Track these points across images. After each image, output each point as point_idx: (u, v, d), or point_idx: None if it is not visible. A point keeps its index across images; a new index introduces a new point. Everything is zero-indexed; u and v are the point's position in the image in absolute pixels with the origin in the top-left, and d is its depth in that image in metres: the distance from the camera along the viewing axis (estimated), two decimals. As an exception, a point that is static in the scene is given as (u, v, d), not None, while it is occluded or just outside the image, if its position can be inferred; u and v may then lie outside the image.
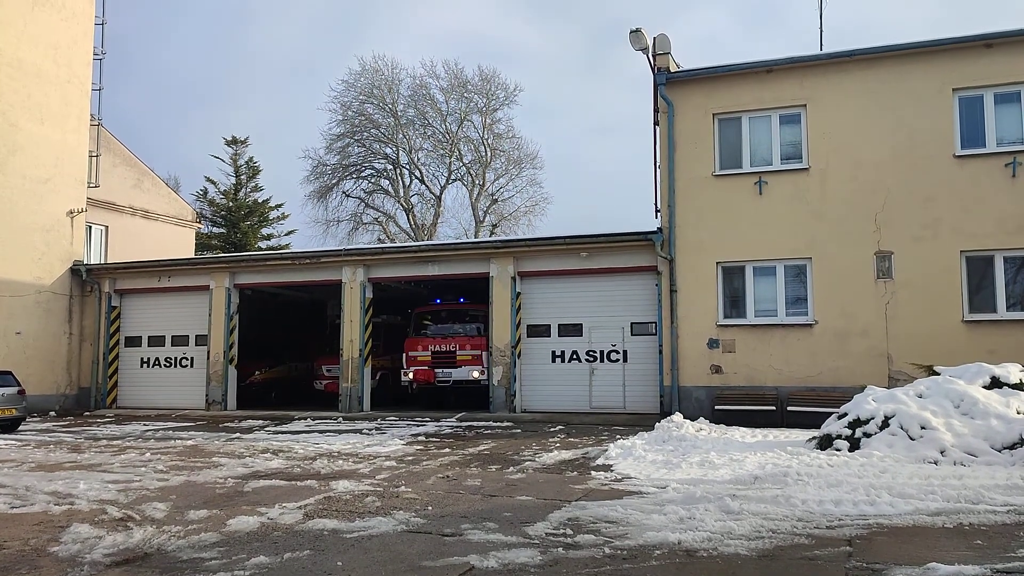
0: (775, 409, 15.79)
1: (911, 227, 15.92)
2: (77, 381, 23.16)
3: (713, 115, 17.48)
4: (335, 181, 44.56)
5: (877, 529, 6.74)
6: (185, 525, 7.26)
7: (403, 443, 13.65)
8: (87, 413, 21.94)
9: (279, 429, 16.75)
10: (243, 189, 45.45)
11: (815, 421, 12.97)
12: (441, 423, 17.32)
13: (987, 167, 15.67)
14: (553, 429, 15.72)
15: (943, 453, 9.86)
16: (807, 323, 16.45)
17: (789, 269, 16.87)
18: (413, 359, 21.01)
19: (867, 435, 10.62)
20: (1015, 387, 11.08)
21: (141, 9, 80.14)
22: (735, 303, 17.19)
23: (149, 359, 23.04)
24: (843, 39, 58.72)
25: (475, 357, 20.29)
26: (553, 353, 18.94)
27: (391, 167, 44.69)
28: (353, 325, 20.50)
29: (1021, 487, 8.15)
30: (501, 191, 45.19)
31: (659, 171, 18.27)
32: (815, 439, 11.48)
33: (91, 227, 25.46)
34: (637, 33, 17.06)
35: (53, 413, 21.70)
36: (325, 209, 44.48)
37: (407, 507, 7.94)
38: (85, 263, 23.65)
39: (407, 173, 44.62)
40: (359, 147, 44.69)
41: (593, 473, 10.03)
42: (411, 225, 44.11)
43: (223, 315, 21.71)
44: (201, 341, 22.14)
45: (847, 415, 11.20)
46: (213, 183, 45.05)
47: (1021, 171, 15.42)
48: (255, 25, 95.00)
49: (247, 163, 45.71)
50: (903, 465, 9.47)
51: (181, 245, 29.74)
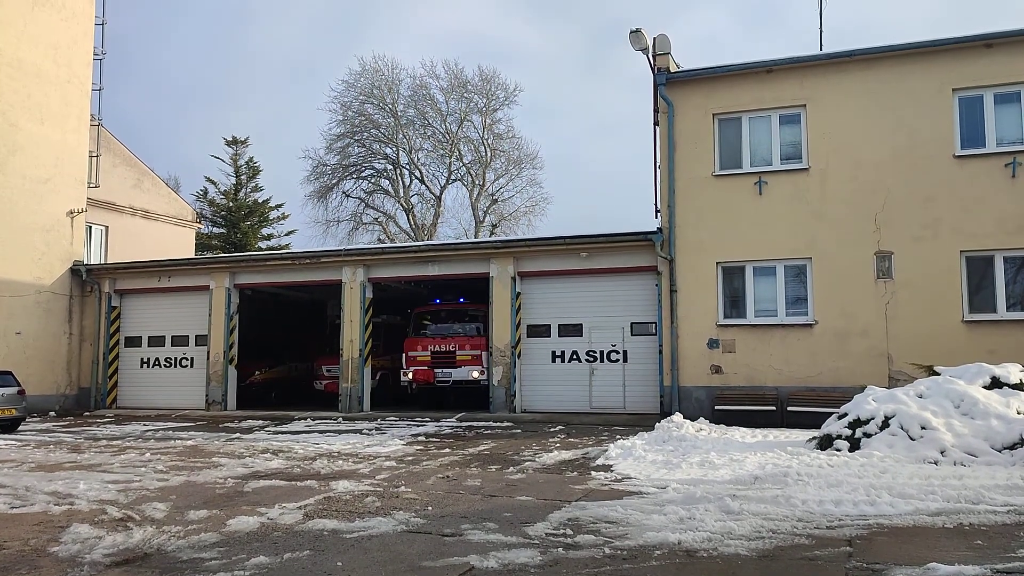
0: (775, 409, 15.80)
1: (911, 227, 15.93)
2: (77, 381, 23.17)
3: (713, 115, 17.49)
4: (335, 181, 44.60)
5: (877, 529, 6.74)
6: (185, 525, 7.26)
7: (403, 443, 13.65)
8: (87, 413, 21.94)
9: (279, 429, 16.75)
10: (243, 189, 45.46)
11: (815, 421, 12.97)
12: (441, 423, 17.32)
13: (987, 167, 15.68)
14: (553, 429, 15.73)
15: (943, 453, 9.86)
16: (807, 323, 16.46)
17: (789, 269, 16.87)
18: (413, 359, 21.01)
19: (867, 435, 10.62)
20: (1015, 387, 11.08)
21: (141, 9, 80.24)
22: (735, 303, 17.19)
23: (149, 359, 23.05)
24: (843, 39, 58.77)
25: (475, 357, 20.28)
26: (553, 353, 18.95)
27: (391, 167, 44.73)
28: (353, 325, 20.50)
29: (1021, 487, 8.15)
30: (501, 191, 45.26)
31: (659, 171, 18.28)
32: (815, 439, 11.48)
33: (91, 227, 25.46)
34: (637, 33, 17.07)
35: (53, 413, 21.71)
36: (325, 209, 44.56)
37: (407, 507, 7.94)
38: (85, 263, 23.66)
39: (407, 173, 44.67)
40: (359, 147, 44.72)
41: (593, 473, 10.03)
42: (411, 225, 44.11)
43: (223, 315, 21.71)
44: (201, 341, 22.15)
45: (847, 415, 11.20)
46: (213, 183, 45.13)
47: (1021, 171, 15.43)
48: (255, 25, 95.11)
49: (247, 163, 45.72)
50: (903, 465, 9.47)
51: (181, 245, 29.76)
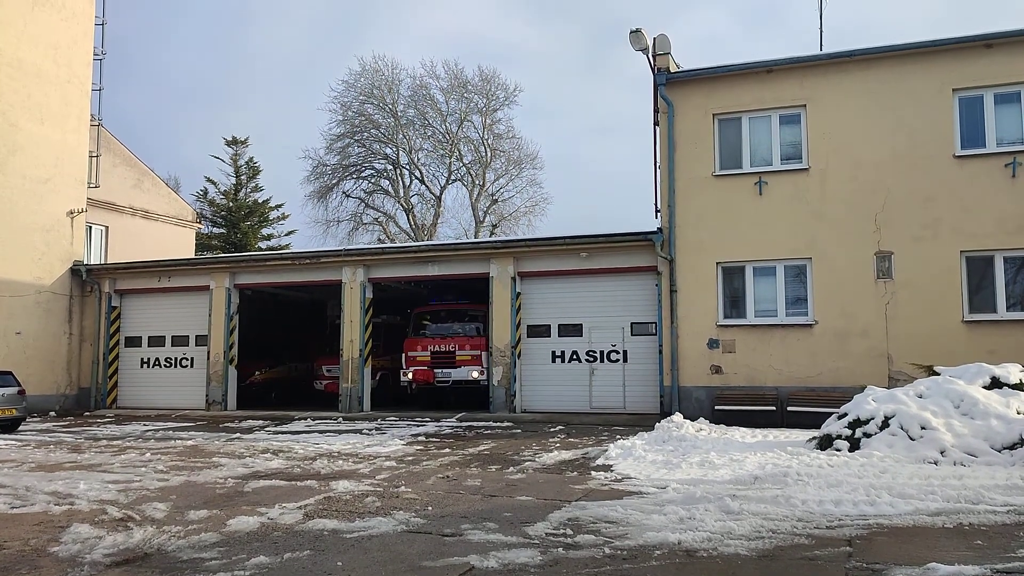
0: (775, 409, 15.80)
1: (911, 227, 15.93)
2: (77, 381, 23.17)
3: (713, 115, 17.49)
4: (335, 181, 44.60)
5: (877, 529, 6.74)
6: (185, 525, 7.26)
7: (403, 443, 13.65)
8: (87, 413, 21.94)
9: (279, 429, 16.75)
10: (243, 189, 45.46)
11: (815, 421, 12.97)
12: (441, 423, 17.32)
13: (987, 167, 15.68)
14: (553, 429, 15.73)
15: (943, 453, 9.86)
16: (807, 323, 16.45)
17: (789, 269, 16.87)
18: (412, 359, 21.00)
19: (867, 435, 10.62)
20: (1015, 387, 11.08)
21: (141, 9, 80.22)
22: (735, 303, 17.19)
23: (149, 359, 23.05)
24: (843, 39, 58.79)
25: (474, 357, 20.28)
26: (553, 353, 18.95)
27: (391, 167, 44.73)
28: (353, 325, 20.50)
29: (1021, 487, 8.15)
30: (501, 191, 45.26)
31: (659, 171, 18.28)
32: (815, 439, 11.48)
33: (91, 227, 25.46)
34: (637, 33, 17.07)
35: (53, 413, 21.71)
36: (325, 209, 44.56)
37: (407, 507, 7.94)
38: (85, 263, 23.66)
39: (407, 173, 44.68)
40: (359, 147, 44.72)
41: (593, 473, 10.03)
42: (411, 225, 44.11)
43: (223, 315, 21.71)
44: (201, 341, 22.15)
45: (847, 415, 11.20)
46: (213, 183, 45.14)
47: (1021, 171, 15.43)
48: (255, 26, 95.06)
49: (247, 163, 45.73)
50: (903, 465, 9.47)
51: (181, 245, 29.76)
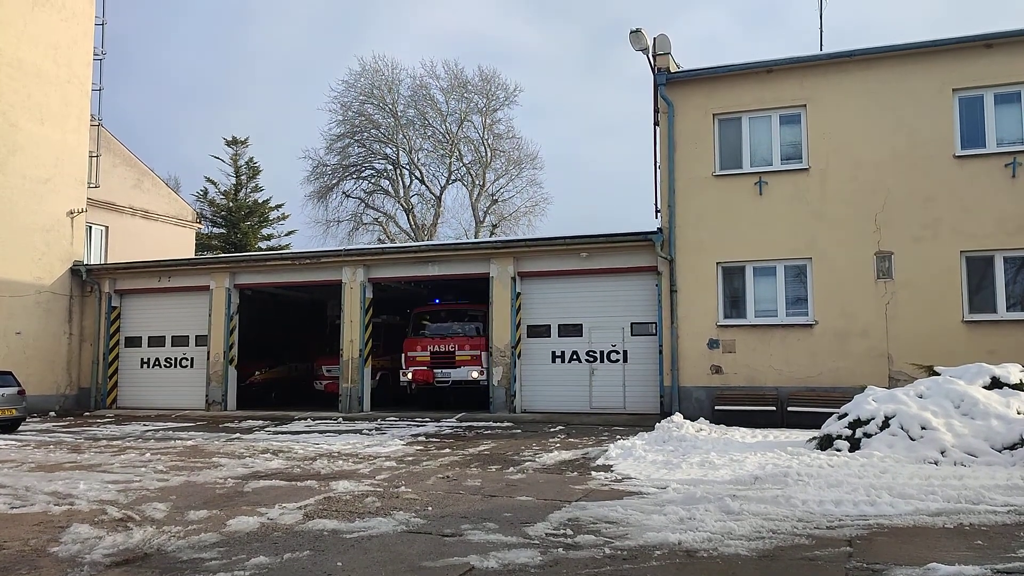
0: (775, 409, 15.80)
1: (911, 227, 15.92)
2: (77, 381, 23.17)
3: (713, 115, 17.48)
4: (335, 181, 44.59)
5: (877, 529, 6.74)
6: (185, 525, 7.26)
7: (403, 443, 13.65)
8: (87, 413, 21.94)
9: (279, 429, 16.75)
10: (243, 189, 45.45)
11: (815, 421, 12.97)
12: (441, 423, 17.32)
13: (987, 167, 15.68)
14: (553, 429, 15.72)
15: (943, 453, 9.86)
16: (807, 323, 16.45)
17: (789, 269, 16.87)
18: (412, 359, 20.99)
19: (867, 435, 10.61)
20: (1015, 387, 11.07)
21: (141, 9, 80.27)
22: (735, 303, 17.19)
23: (149, 359, 23.05)
24: (843, 39, 58.80)
25: (474, 357, 20.27)
26: (553, 353, 18.94)
27: (391, 167, 44.73)
28: (353, 325, 20.50)
29: (1021, 487, 8.15)
30: (501, 191, 45.25)
31: (659, 171, 18.28)
32: (815, 439, 11.48)
33: (91, 227, 25.46)
34: (637, 33, 17.07)
35: (53, 413, 21.70)
36: (325, 209, 44.56)
37: (407, 507, 7.93)
38: (85, 263, 23.65)
39: (407, 173, 44.68)
40: (359, 147, 44.71)
41: (593, 473, 10.03)
42: (411, 225, 44.11)
43: (223, 315, 21.71)
44: (201, 341, 22.15)
45: (847, 415, 11.20)
46: (213, 183, 45.13)
47: (1021, 171, 15.42)
48: (255, 25, 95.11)
49: (247, 163, 45.71)
50: (903, 465, 9.47)
51: (181, 245, 29.76)
